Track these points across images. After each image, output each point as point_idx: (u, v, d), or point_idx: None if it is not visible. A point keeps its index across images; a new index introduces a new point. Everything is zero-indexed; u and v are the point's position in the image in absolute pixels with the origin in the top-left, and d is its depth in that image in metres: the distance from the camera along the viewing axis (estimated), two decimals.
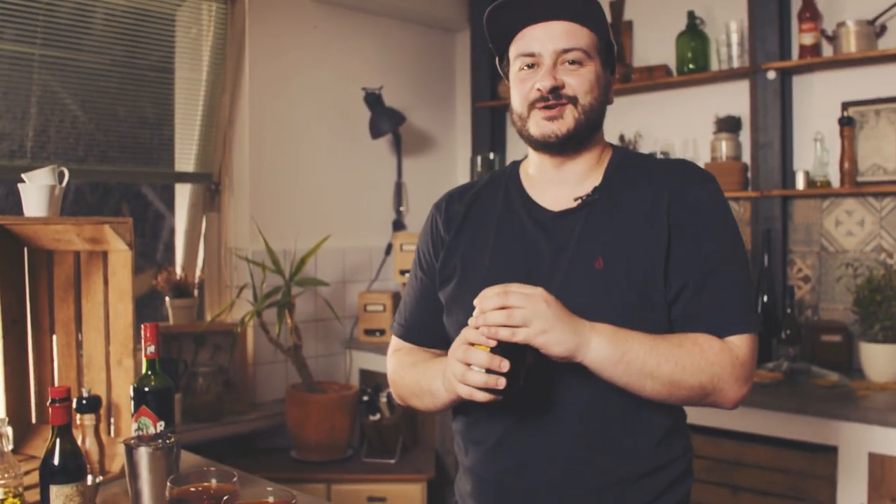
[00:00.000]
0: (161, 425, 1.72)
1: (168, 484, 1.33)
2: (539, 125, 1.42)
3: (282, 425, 3.41)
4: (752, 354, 1.38)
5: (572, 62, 1.40)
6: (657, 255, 1.38)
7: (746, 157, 3.35)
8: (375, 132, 3.77)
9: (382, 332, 3.77)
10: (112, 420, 1.93)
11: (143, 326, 1.68)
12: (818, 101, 3.19)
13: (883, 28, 3.00)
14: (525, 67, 1.43)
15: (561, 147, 1.44)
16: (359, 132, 3.86)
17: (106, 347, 1.91)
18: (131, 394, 1.71)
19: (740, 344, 1.36)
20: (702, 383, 1.33)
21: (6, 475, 1.59)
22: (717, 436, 2.80)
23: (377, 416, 3.36)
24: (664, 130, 3.60)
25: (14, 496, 1.60)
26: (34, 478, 1.75)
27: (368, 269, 3.97)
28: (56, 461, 1.44)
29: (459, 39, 4.33)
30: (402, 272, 3.80)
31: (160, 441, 1.54)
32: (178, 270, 3.48)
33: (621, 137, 3.69)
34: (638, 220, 1.42)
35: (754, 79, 3.23)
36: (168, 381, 1.74)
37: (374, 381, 3.60)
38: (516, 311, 1.23)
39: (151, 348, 1.69)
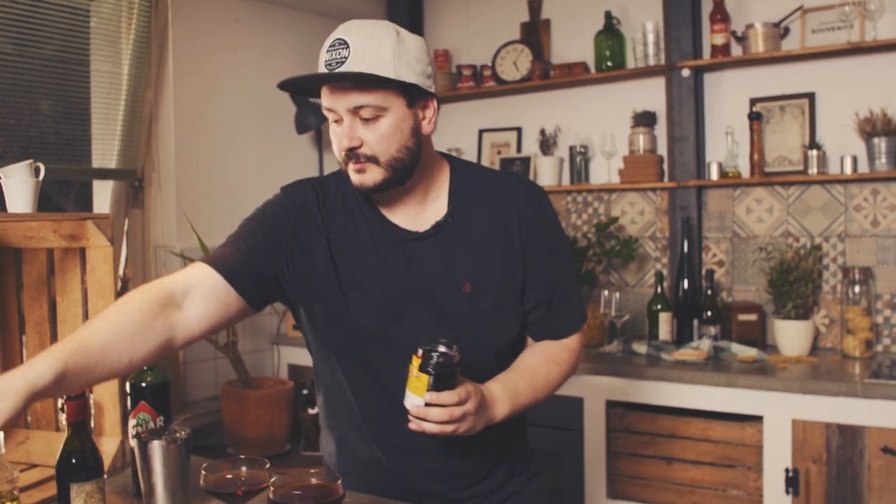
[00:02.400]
0: (161, 420, 1.71)
1: (203, 472, 1.35)
2: (352, 175, 1.48)
3: (216, 423, 3.37)
4: (584, 340, 1.71)
5: (366, 119, 1.43)
6: (516, 275, 1.57)
7: (662, 150, 3.56)
8: (301, 127, 3.77)
9: None
10: (93, 419, 1.90)
11: None
12: (728, 97, 3.42)
13: (787, 30, 3.25)
14: (332, 120, 1.48)
15: (378, 192, 1.50)
16: (285, 127, 3.86)
17: None
18: (128, 390, 1.68)
19: (577, 339, 1.68)
20: (559, 386, 1.64)
21: (1, 478, 1.56)
22: (652, 412, 2.98)
23: (315, 410, 3.38)
24: (583, 125, 3.76)
25: (10, 500, 1.57)
26: (24, 480, 1.72)
27: None
28: (74, 459, 1.42)
29: None
30: None
31: (171, 435, 1.54)
32: None
33: (542, 132, 3.83)
34: (493, 242, 1.55)
35: (670, 76, 3.44)
36: (165, 375, 1.73)
37: (311, 376, 3.61)
38: (451, 424, 1.37)
39: None
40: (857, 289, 3.04)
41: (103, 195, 3.39)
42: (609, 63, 3.59)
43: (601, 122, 3.71)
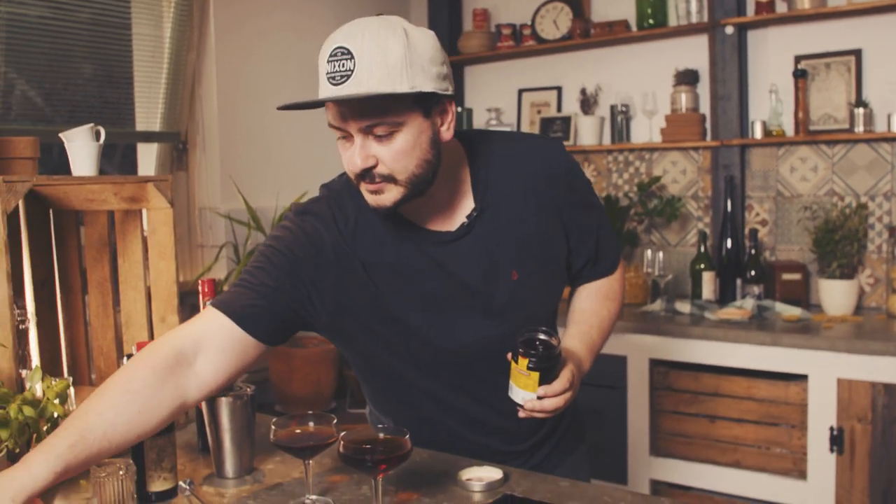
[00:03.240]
0: None
1: (273, 427, 1.38)
2: (367, 196, 1.37)
3: (264, 381, 3.44)
4: (624, 266, 1.82)
5: (379, 136, 1.30)
6: (559, 244, 1.55)
7: (704, 109, 3.53)
8: None
9: None
10: None
11: (200, 282, 1.70)
12: (773, 54, 3.38)
13: None
14: (340, 138, 1.35)
15: (398, 209, 1.38)
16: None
17: (147, 305, 1.92)
18: None
19: (620, 270, 1.72)
20: (618, 316, 1.71)
21: None
22: (696, 370, 3.00)
23: None
24: (624, 84, 3.74)
25: None
26: None
27: None
28: None
29: None
30: None
31: (238, 392, 1.58)
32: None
33: (583, 91, 3.81)
34: (529, 219, 1.49)
35: (713, 33, 3.40)
36: None
37: None
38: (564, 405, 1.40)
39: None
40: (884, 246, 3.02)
41: (148, 158, 3.44)
42: (651, 21, 3.55)
43: (643, 81, 3.68)
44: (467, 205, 1.47)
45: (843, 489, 2.70)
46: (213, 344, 1.35)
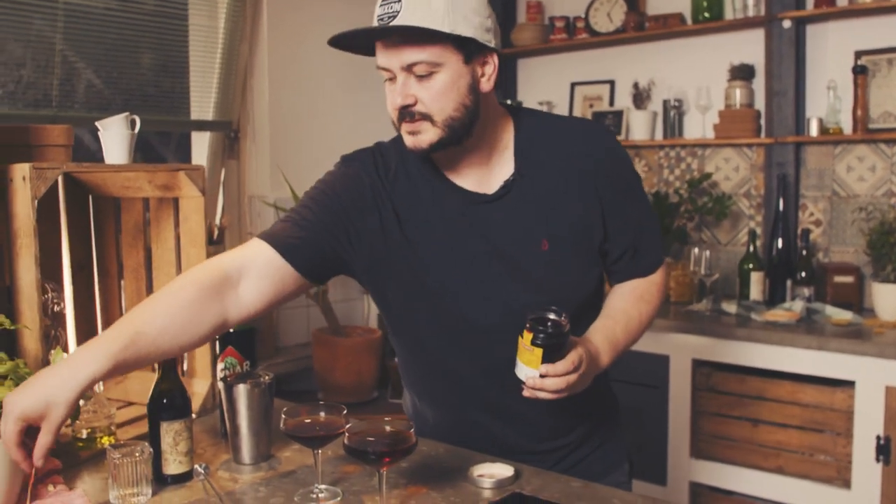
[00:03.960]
0: (247, 364, 1.78)
1: (283, 416, 1.40)
2: (406, 137, 1.43)
3: (307, 369, 3.49)
4: (665, 271, 1.67)
5: (420, 75, 1.38)
6: (594, 227, 1.52)
7: (759, 105, 3.44)
8: None
9: None
10: (186, 361, 1.99)
11: None
12: (832, 49, 3.27)
13: None
14: (385, 80, 1.43)
15: (434, 153, 1.44)
16: (374, 78, 3.86)
17: None
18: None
19: (660, 274, 1.65)
20: (651, 322, 1.64)
21: (100, 415, 1.66)
22: (740, 372, 2.93)
23: None
24: (678, 78, 3.67)
25: (108, 434, 1.67)
26: (121, 417, 1.83)
27: None
28: (164, 398, 1.49)
29: None
30: None
31: (256, 380, 1.61)
32: None
33: (635, 84, 3.75)
34: (567, 195, 1.49)
35: (769, 27, 3.31)
36: (251, 323, 1.80)
37: None
38: (568, 388, 1.36)
39: None
40: None
41: (201, 146, 3.50)
42: (706, 14, 3.47)
43: (696, 76, 3.61)
44: (507, 169, 1.50)
45: (889, 500, 2.62)
46: (256, 270, 1.44)
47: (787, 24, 3.25)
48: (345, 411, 1.43)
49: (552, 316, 1.34)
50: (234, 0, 3.36)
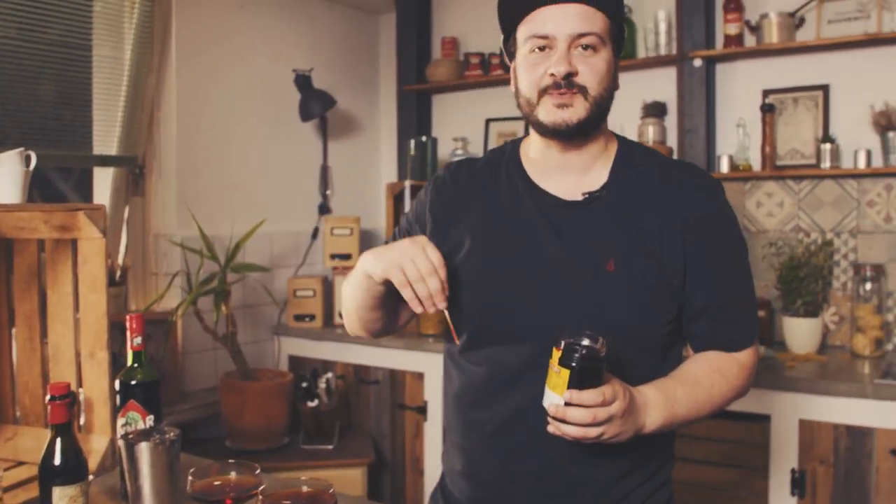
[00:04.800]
0: (151, 419, 1.66)
1: (189, 477, 1.30)
2: (549, 112, 1.37)
3: (214, 415, 3.34)
4: (756, 358, 1.48)
5: (586, 47, 1.34)
6: (671, 268, 1.39)
7: (671, 142, 3.49)
8: (306, 115, 3.72)
9: (313, 317, 3.73)
10: (83, 416, 1.85)
11: (128, 317, 1.62)
12: (741, 88, 3.34)
13: (802, 20, 3.17)
14: (537, 50, 1.36)
15: (570, 135, 1.39)
16: (287, 115, 3.80)
17: (76, 340, 1.83)
18: (117, 387, 1.64)
19: (749, 355, 1.46)
20: (722, 406, 1.44)
21: None
22: None
23: (315, 403, 3.34)
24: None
25: None
26: (10, 479, 1.68)
27: (295, 253, 3.91)
28: (57, 461, 1.37)
29: (384, 21, 4.31)
30: (333, 256, 3.77)
31: (161, 436, 1.50)
32: None
33: None
34: (649, 226, 1.40)
35: (681, 66, 3.36)
36: (155, 373, 1.68)
37: (311, 367, 3.57)
38: (595, 428, 1.22)
39: (138, 339, 1.63)
40: (868, 286, 2.97)
41: (104, 182, 3.34)
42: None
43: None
44: (597, 182, 1.44)
45: None
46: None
47: (697, 62, 3.31)
48: (258, 470, 1.34)
49: (586, 340, 1.21)
50: (141, 30, 3.24)
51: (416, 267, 1.31)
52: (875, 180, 3.09)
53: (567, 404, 1.20)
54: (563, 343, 1.21)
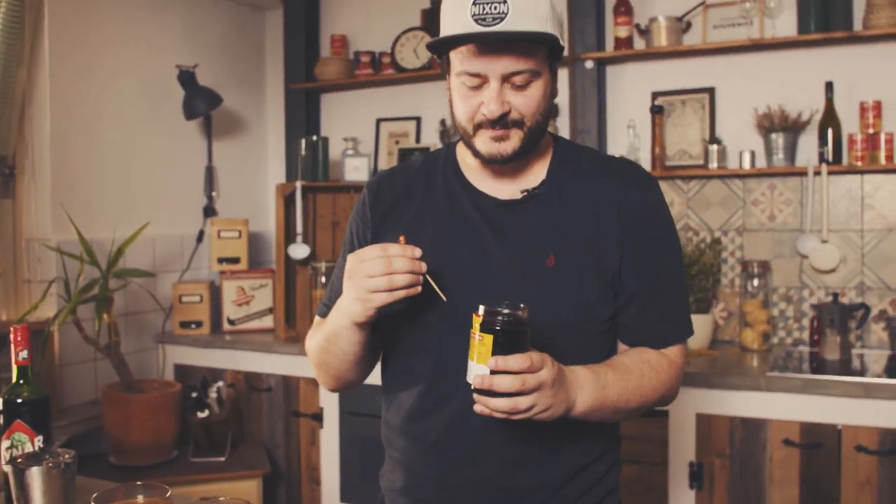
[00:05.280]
0: (40, 441, 1.53)
1: (92, 502, 1.19)
2: (486, 144, 1.35)
3: (96, 430, 3.14)
4: (686, 358, 1.48)
5: (519, 85, 1.30)
6: (609, 260, 1.39)
7: None
8: (190, 113, 3.56)
9: (200, 323, 3.58)
10: None
11: (12, 329, 1.48)
12: (631, 90, 3.41)
13: (689, 25, 3.26)
14: (468, 85, 1.32)
15: (507, 163, 1.38)
16: (171, 113, 3.63)
17: None
18: (0, 407, 1.50)
19: (678, 352, 1.46)
20: (655, 401, 1.43)
21: None
22: None
23: (205, 413, 3.19)
24: None
25: None
26: None
27: (180, 258, 3.74)
28: None
29: (270, 18, 4.18)
30: (221, 260, 3.62)
31: (54, 459, 1.37)
32: None
33: (443, 122, 3.74)
34: (587, 220, 1.40)
35: (573, 68, 3.40)
36: (43, 390, 1.55)
37: (200, 376, 3.41)
38: (524, 398, 1.18)
39: (24, 353, 1.50)
40: (755, 282, 3.08)
41: None
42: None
43: None
44: (534, 181, 1.43)
45: None
46: None
47: (589, 64, 3.35)
48: (168, 493, 1.24)
49: (507, 308, 1.17)
50: (9, 18, 3.01)
51: (381, 275, 1.24)
52: (759, 180, 3.20)
53: (493, 373, 1.16)
54: (482, 309, 1.18)
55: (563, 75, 3.48)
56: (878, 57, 3.01)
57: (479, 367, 1.17)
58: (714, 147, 3.16)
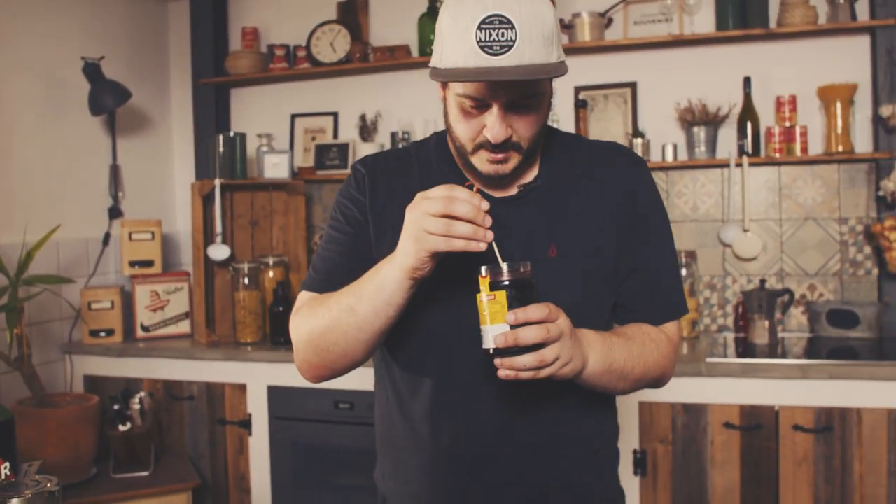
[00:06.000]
0: (7, 467, 1.38)
1: None
2: (485, 164, 1.33)
3: (8, 448, 2.90)
4: (680, 336, 1.51)
5: (523, 107, 1.29)
6: (607, 244, 1.41)
7: None
8: (97, 108, 3.34)
9: (111, 331, 3.37)
10: None
11: None
12: (556, 85, 3.42)
13: (610, 20, 3.32)
14: (470, 106, 1.29)
15: (504, 180, 1.38)
16: (74, 108, 3.40)
17: None
18: None
19: (675, 329, 1.48)
20: (657, 376, 1.44)
21: None
22: None
23: (127, 426, 3.00)
24: (406, 110, 3.64)
25: None
26: None
27: (85, 262, 3.51)
28: None
29: (175, 9, 3.97)
30: (133, 263, 3.43)
31: (37, 488, 1.25)
32: None
33: (362, 117, 3.66)
34: (584, 208, 1.41)
35: None
36: (7, 411, 1.41)
37: (116, 387, 3.22)
38: (549, 349, 1.17)
39: None
40: (682, 272, 3.16)
41: None
42: (433, 47, 3.48)
43: (425, 108, 3.61)
44: (530, 175, 1.43)
45: None
46: None
47: None
48: None
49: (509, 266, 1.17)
50: None
51: (440, 215, 1.17)
52: (682, 172, 3.29)
53: (513, 328, 1.15)
54: (485, 270, 1.18)
55: None
56: (793, 53, 3.16)
57: (497, 327, 1.16)
58: (638, 140, 3.23)
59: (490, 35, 1.20)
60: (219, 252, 3.34)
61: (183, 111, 3.98)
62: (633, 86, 3.34)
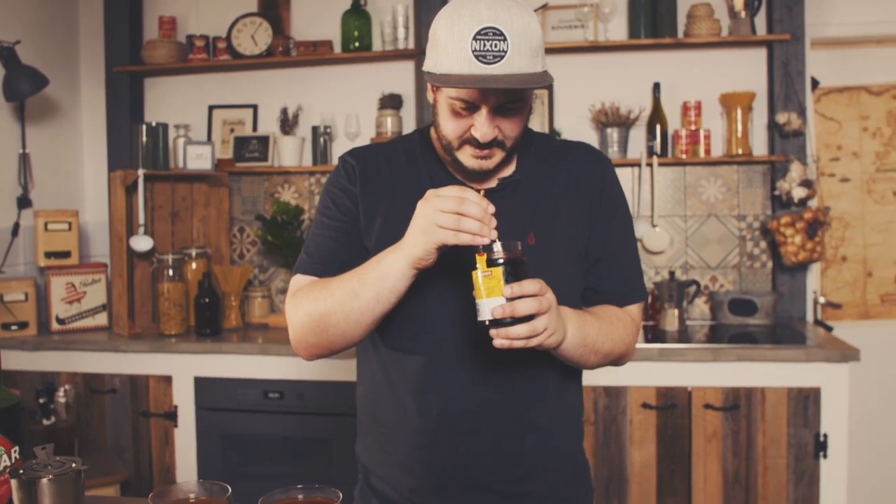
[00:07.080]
0: (17, 451, 1.40)
1: (149, 501, 1.14)
2: (468, 160, 1.44)
3: None
4: (641, 319, 1.68)
5: (509, 109, 1.39)
6: (580, 234, 1.55)
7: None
8: (12, 94, 3.23)
9: (25, 324, 3.28)
10: None
11: None
12: None
13: None
14: (459, 107, 1.38)
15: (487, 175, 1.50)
16: None
17: None
18: None
19: (637, 311, 1.63)
20: (622, 352, 1.58)
21: None
22: None
23: (52, 420, 2.94)
24: (327, 105, 3.69)
25: None
26: None
27: None
28: None
29: None
30: (49, 254, 3.34)
31: (62, 468, 1.28)
32: None
33: (284, 110, 3.69)
34: (558, 200, 1.54)
35: (419, 60, 3.50)
36: (14, 396, 1.42)
37: (38, 380, 3.14)
38: (540, 319, 1.28)
39: None
40: None
41: None
42: (356, 44, 3.55)
43: (346, 103, 3.67)
44: (508, 169, 1.53)
45: None
46: None
47: None
48: (229, 493, 1.22)
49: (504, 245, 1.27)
50: None
51: (451, 212, 1.27)
52: None
53: (509, 300, 1.25)
54: (481, 248, 1.27)
55: (408, 67, 3.59)
56: (699, 62, 3.41)
57: (492, 300, 1.26)
58: None
59: (484, 45, 1.30)
60: (141, 243, 3.30)
61: (94, 99, 3.88)
62: (549, 88, 3.51)
